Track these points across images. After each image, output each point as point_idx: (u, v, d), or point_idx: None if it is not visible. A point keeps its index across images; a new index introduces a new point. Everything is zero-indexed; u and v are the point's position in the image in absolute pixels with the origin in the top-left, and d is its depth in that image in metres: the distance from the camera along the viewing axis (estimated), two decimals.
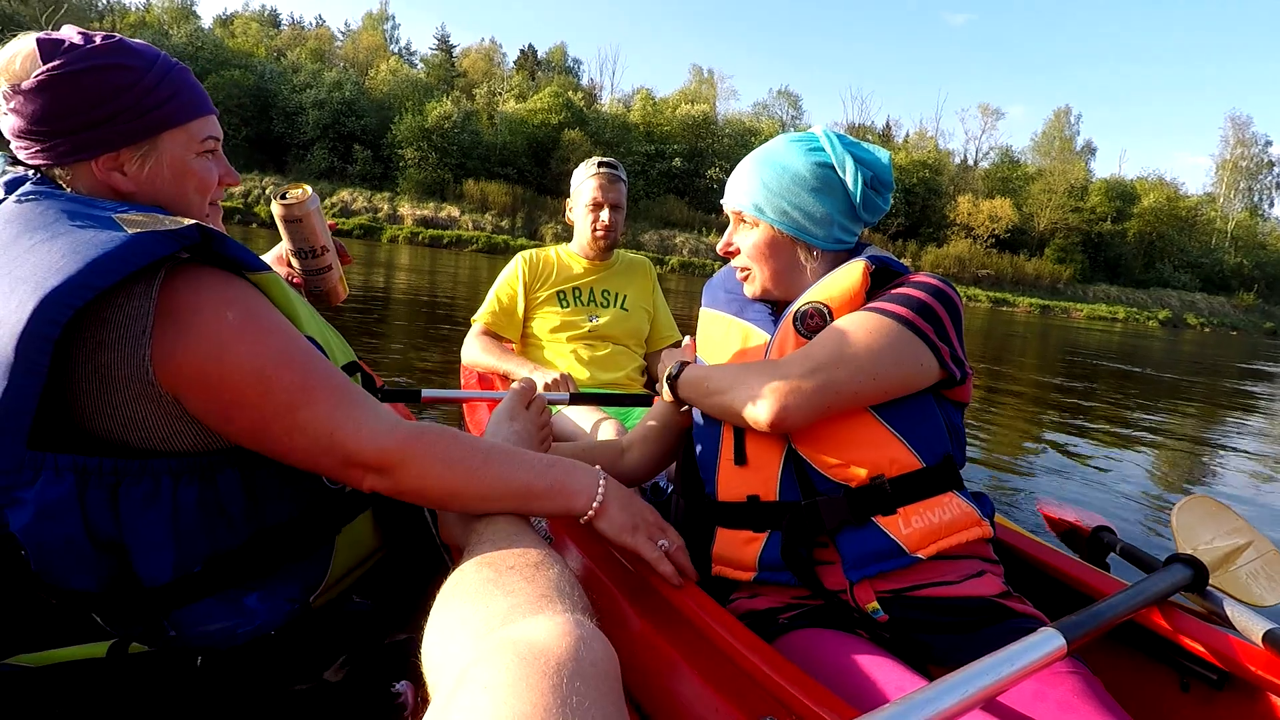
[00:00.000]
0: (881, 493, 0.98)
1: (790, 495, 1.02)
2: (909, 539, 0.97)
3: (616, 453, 1.32)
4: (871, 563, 0.97)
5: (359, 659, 0.90)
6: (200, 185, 0.90)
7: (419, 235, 33.49)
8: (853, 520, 0.98)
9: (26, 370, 0.63)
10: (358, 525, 0.95)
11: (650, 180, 43.24)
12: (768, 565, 1.02)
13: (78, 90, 0.78)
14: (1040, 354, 13.28)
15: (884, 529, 0.97)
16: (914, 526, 0.97)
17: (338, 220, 32.97)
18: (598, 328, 2.26)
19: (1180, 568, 1.01)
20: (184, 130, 0.86)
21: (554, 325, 2.26)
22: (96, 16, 48.83)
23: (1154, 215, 48.58)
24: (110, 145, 0.81)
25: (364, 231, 32.98)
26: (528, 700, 0.47)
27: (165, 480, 0.73)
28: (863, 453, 1.00)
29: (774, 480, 1.03)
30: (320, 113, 39.41)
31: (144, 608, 0.75)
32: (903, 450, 1.00)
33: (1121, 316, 40.52)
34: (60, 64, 0.76)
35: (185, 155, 0.87)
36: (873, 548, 0.97)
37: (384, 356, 5.39)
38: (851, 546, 0.98)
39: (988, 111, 59.01)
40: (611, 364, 2.24)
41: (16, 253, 0.68)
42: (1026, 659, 0.72)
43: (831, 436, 1.01)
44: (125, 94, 0.80)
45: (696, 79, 60.17)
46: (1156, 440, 5.38)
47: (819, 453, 1.01)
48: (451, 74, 54.34)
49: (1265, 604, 1.06)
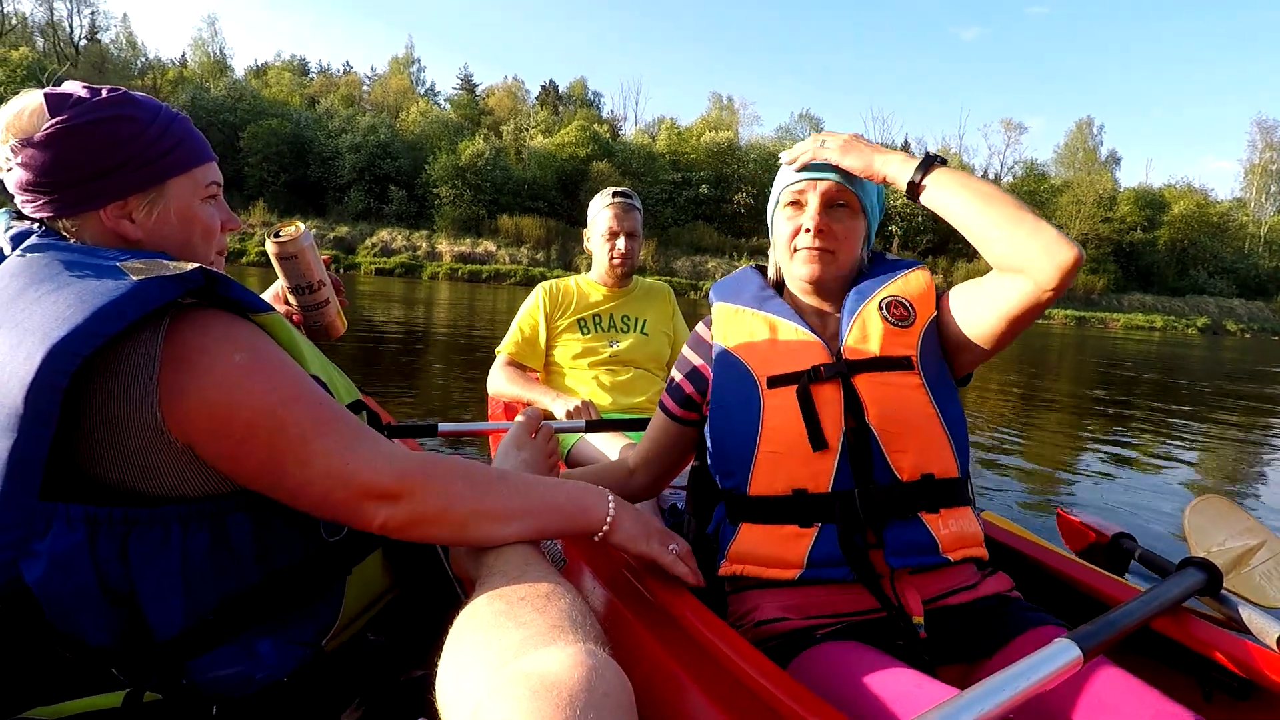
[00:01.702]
0: (929, 490, 1.03)
1: (844, 484, 1.03)
2: (944, 540, 1.01)
3: (624, 474, 1.33)
4: (912, 554, 1.00)
5: (375, 698, 0.90)
6: (205, 231, 0.92)
7: (458, 271, 34.17)
8: (901, 513, 1.01)
9: (37, 421, 0.63)
10: (368, 565, 0.95)
11: (678, 208, 43.72)
12: (819, 561, 1.01)
13: (87, 141, 0.80)
14: (1078, 365, 13.23)
15: (927, 525, 1.01)
16: (949, 529, 1.02)
17: (379, 260, 33.99)
18: (618, 353, 2.30)
19: (1194, 571, 1.01)
20: (189, 177, 0.88)
21: (575, 352, 2.30)
22: (138, 74, 50.85)
23: (1185, 222, 48.10)
24: (119, 193, 0.82)
25: (405, 270, 33.72)
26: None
27: (175, 527, 0.73)
28: (924, 448, 1.04)
29: (829, 471, 1.03)
30: (356, 156, 40.50)
31: (158, 659, 0.75)
32: (950, 457, 1.06)
33: (1160, 325, 40.03)
34: (68, 117, 0.78)
35: (191, 201, 0.89)
36: (914, 540, 1.01)
37: (426, 391, 5.51)
38: (896, 536, 1.01)
39: (1010, 126, 59.36)
40: (633, 388, 2.27)
41: (24, 304, 0.69)
42: (1043, 671, 0.73)
43: (907, 423, 1.04)
44: (132, 143, 0.82)
45: (717, 106, 61.10)
46: (1195, 448, 5.41)
47: (893, 438, 1.04)
48: (478, 112, 55.71)
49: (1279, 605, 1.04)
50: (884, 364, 1.07)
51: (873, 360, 1.07)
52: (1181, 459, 5.09)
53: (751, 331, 1.17)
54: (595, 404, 2.13)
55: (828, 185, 1.14)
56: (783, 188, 1.18)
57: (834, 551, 1.00)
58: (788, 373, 1.08)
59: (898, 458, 1.02)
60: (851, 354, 1.09)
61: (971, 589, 1.03)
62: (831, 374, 1.06)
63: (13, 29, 44.68)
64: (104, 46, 50.49)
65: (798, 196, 1.16)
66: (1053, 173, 54.47)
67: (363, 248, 36.14)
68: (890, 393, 1.06)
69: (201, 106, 41.44)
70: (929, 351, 1.10)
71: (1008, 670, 0.71)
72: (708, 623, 0.92)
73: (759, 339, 1.15)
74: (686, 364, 1.26)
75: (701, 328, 1.27)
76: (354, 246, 36.21)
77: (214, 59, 55.26)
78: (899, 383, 1.06)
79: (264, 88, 50.81)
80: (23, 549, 0.66)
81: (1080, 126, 55.66)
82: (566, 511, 0.90)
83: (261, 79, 55.05)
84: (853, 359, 1.08)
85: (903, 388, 1.06)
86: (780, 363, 1.10)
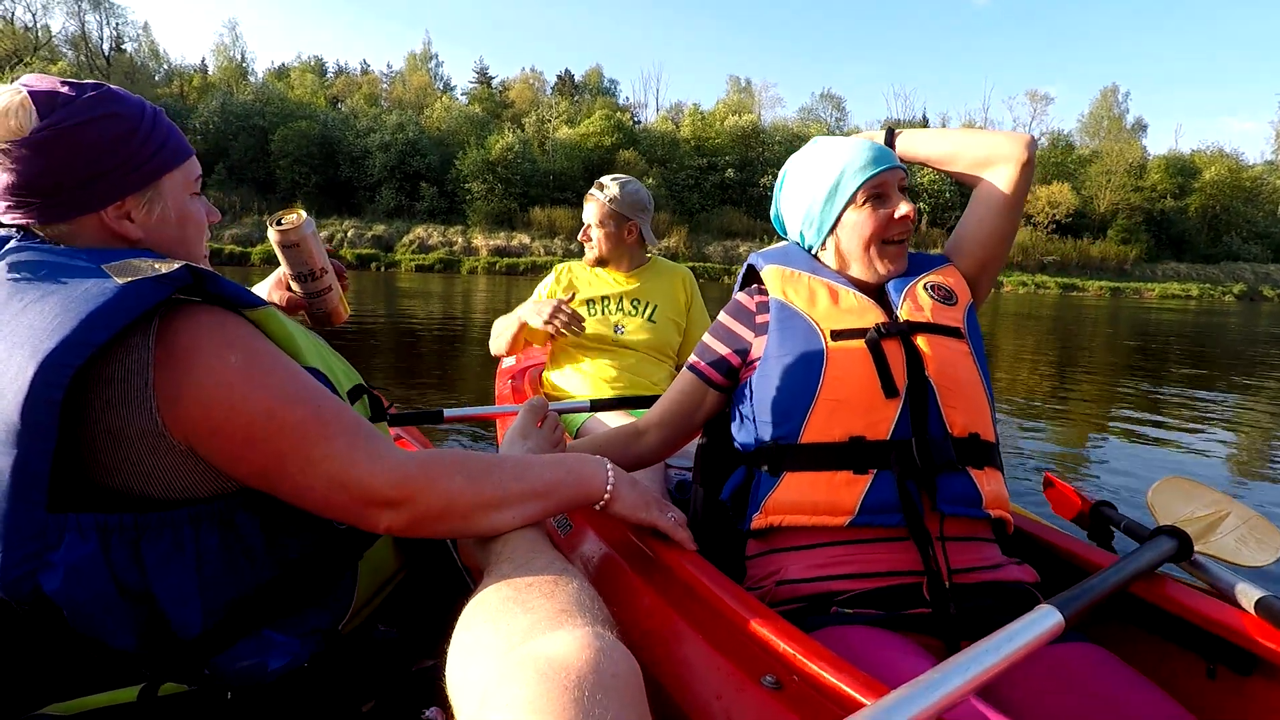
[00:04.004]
0: (975, 448, 1.07)
1: (902, 433, 1.05)
2: (987, 496, 1.05)
3: (628, 437, 1.31)
4: (961, 504, 1.03)
5: (388, 688, 0.91)
6: (197, 226, 0.91)
7: (495, 265, 34.54)
8: (952, 465, 1.04)
9: (35, 435, 0.63)
10: (379, 549, 0.96)
11: (704, 193, 43.85)
12: (872, 507, 1.02)
13: (84, 141, 0.77)
14: (1117, 337, 12.86)
15: (974, 479, 1.05)
16: (990, 487, 1.06)
17: (417, 257, 34.37)
18: (623, 338, 2.29)
19: (1165, 539, 1.03)
20: (181, 171, 0.87)
21: (582, 334, 2.30)
22: (164, 80, 51.44)
23: (1216, 188, 47.44)
24: (119, 194, 0.81)
25: (443, 266, 34.17)
26: (549, 715, 0.47)
27: (186, 529, 0.73)
28: (973, 409, 1.09)
29: (890, 420, 1.05)
30: (386, 155, 40.87)
31: (183, 657, 0.75)
32: (990, 422, 1.12)
33: (1195, 294, 39.63)
34: (61, 118, 0.75)
35: (183, 197, 0.88)
36: (963, 491, 1.04)
37: (460, 379, 5.65)
38: (947, 486, 1.03)
39: (1036, 97, 58.80)
40: (638, 372, 2.27)
41: (8, 315, 0.67)
42: (1027, 635, 0.74)
43: (961, 383, 1.09)
44: (128, 141, 0.80)
45: (735, 89, 60.88)
46: (1228, 420, 5.26)
47: (948, 394, 1.08)
48: (499, 106, 55.89)
49: (1259, 564, 1.07)
50: (938, 329, 1.13)
51: (928, 325, 1.13)
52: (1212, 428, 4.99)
53: (811, 289, 1.18)
54: (596, 383, 2.22)
55: (900, 175, 1.19)
56: (856, 185, 1.16)
57: (888, 498, 1.02)
58: (853, 328, 1.11)
59: (951, 414, 1.07)
60: (908, 318, 1.14)
61: (995, 569, 1.05)
62: (894, 332, 1.10)
63: (45, 43, 45.33)
64: (129, 57, 51.09)
65: (880, 189, 1.17)
66: (1077, 142, 53.91)
67: (400, 245, 36.58)
68: (947, 354, 1.11)
69: (231, 112, 41.98)
70: (972, 329, 1.18)
71: (993, 636, 0.73)
72: (717, 580, 0.94)
73: (820, 296, 1.17)
74: (725, 331, 1.25)
75: (743, 296, 1.27)
76: (391, 244, 36.68)
77: (235, 63, 55.73)
78: (953, 347, 1.12)
79: (289, 90, 51.22)
80: (39, 561, 0.67)
81: (1105, 94, 54.92)
82: (567, 485, 0.91)
83: (285, 81, 55.38)
84: (911, 321, 1.13)
85: (956, 352, 1.12)
86: (843, 319, 1.13)
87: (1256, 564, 1.06)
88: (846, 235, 1.19)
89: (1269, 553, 1.08)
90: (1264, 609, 0.90)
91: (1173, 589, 0.99)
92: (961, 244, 1.28)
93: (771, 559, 1.10)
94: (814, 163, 1.22)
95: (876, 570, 1.02)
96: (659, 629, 0.93)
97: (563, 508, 0.92)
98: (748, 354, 1.21)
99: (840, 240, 1.20)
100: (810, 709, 0.73)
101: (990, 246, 1.25)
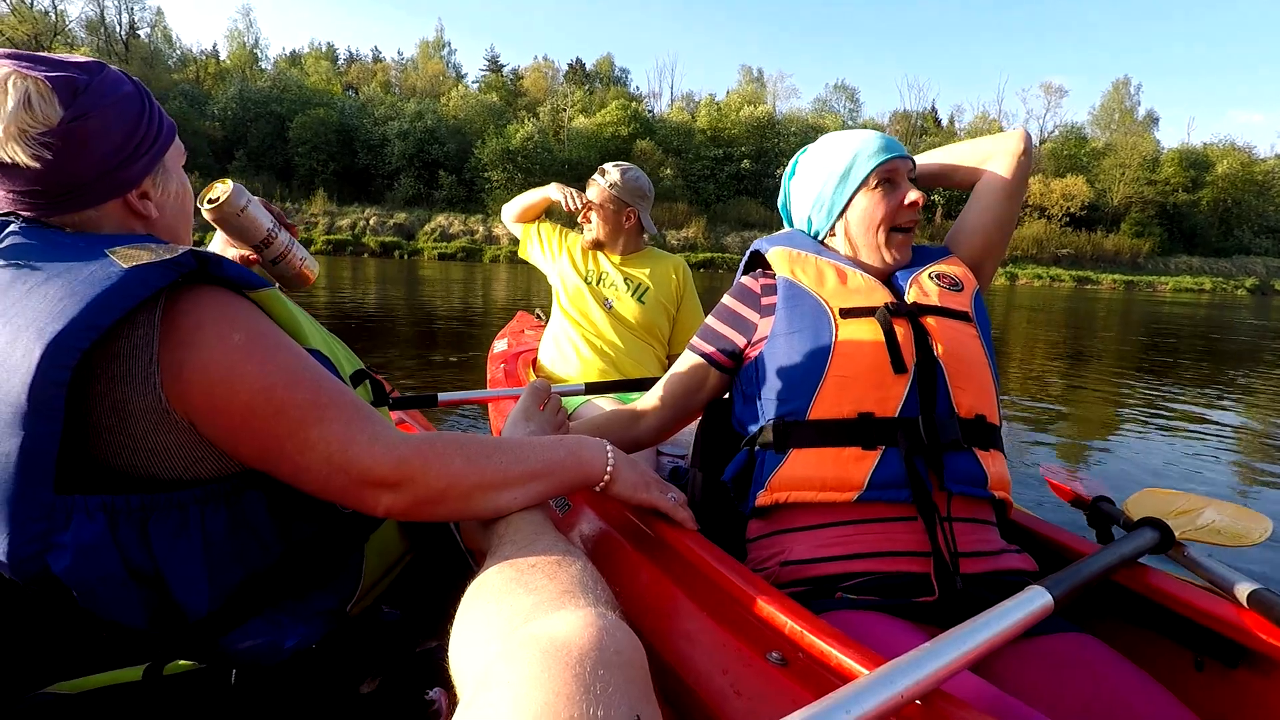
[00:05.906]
0: (981, 429, 1.07)
1: (910, 411, 1.05)
2: (991, 477, 1.05)
3: (627, 419, 1.30)
4: (967, 483, 1.03)
5: (392, 669, 0.91)
6: (190, 199, 0.92)
7: (516, 254, 34.69)
8: (958, 445, 1.04)
9: (42, 417, 0.63)
10: (385, 530, 0.97)
11: (720, 184, 44.16)
12: (881, 483, 1.02)
13: (111, 126, 0.76)
14: (1130, 331, 12.77)
15: (979, 459, 1.05)
16: (994, 469, 1.07)
17: (439, 245, 34.54)
18: (614, 310, 2.32)
19: (1147, 530, 1.04)
20: (175, 147, 0.87)
21: (571, 293, 2.35)
22: (179, 66, 51.47)
23: (1229, 182, 47.65)
24: (142, 174, 0.81)
25: (466, 254, 34.53)
26: (550, 691, 0.47)
27: (193, 510, 0.73)
28: (979, 390, 1.10)
29: (899, 397, 1.05)
30: (405, 143, 41.11)
31: (192, 637, 0.76)
32: (995, 405, 1.12)
33: (1208, 287, 40.00)
34: (87, 102, 0.74)
35: (180, 171, 0.88)
36: (969, 470, 1.04)
37: (479, 359, 5.53)
38: (954, 464, 1.04)
39: (1050, 90, 58.71)
40: (631, 355, 2.29)
41: (12, 299, 0.67)
42: (1018, 614, 0.75)
43: (969, 364, 1.10)
44: (143, 121, 0.80)
45: (747, 79, 60.84)
46: (1237, 418, 5.19)
47: (956, 374, 1.08)
48: (512, 94, 55.97)
49: (1247, 543, 1.08)
50: (946, 312, 1.13)
51: (936, 308, 1.13)
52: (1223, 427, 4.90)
53: (820, 270, 1.18)
54: (587, 368, 2.28)
55: (910, 165, 1.22)
56: (869, 169, 1.18)
57: (896, 474, 1.02)
58: (862, 306, 1.12)
59: (959, 394, 1.07)
60: (916, 300, 1.14)
61: (996, 555, 1.05)
62: (902, 312, 1.11)
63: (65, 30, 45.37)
64: (145, 43, 51.10)
65: (890, 175, 1.19)
66: (1089, 135, 54.00)
67: (421, 234, 36.88)
68: (955, 335, 1.11)
69: (249, 98, 42.10)
70: (980, 314, 1.19)
71: (986, 614, 0.74)
72: (720, 559, 0.94)
73: (828, 276, 1.17)
74: (729, 313, 1.25)
75: (748, 280, 1.27)
76: (413, 233, 37.01)
77: (249, 49, 55.66)
78: (961, 329, 1.13)
79: (304, 77, 51.17)
80: (46, 542, 0.67)
81: (1117, 87, 54.90)
82: (567, 467, 0.90)
83: (299, 67, 55.26)
84: (919, 303, 1.14)
85: (964, 334, 1.12)
86: (851, 298, 1.13)
87: (1241, 544, 1.07)
88: (856, 219, 1.20)
89: (1254, 534, 1.10)
90: (1257, 602, 0.90)
91: (1164, 582, 1.00)
92: (962, 233, 1.30)
93: (775, 540, 1.09)
94: (828, 149, 1.25)
95: (883, 550, 1.01)
96: (663, 606, 0.93)
97: (563, 489, 0.91)
98: (753, 335, 1.21)
99: (850, 224, 1.21)
100: (817, 685, 0.73)
101: (991, 233, 1.27)
